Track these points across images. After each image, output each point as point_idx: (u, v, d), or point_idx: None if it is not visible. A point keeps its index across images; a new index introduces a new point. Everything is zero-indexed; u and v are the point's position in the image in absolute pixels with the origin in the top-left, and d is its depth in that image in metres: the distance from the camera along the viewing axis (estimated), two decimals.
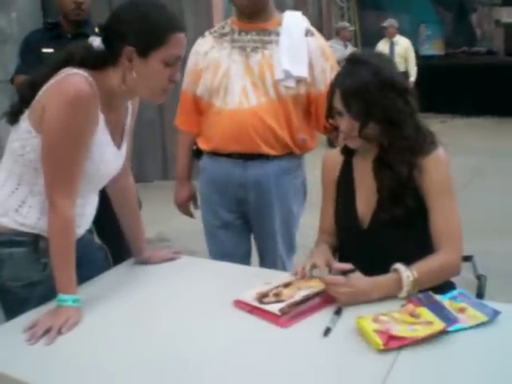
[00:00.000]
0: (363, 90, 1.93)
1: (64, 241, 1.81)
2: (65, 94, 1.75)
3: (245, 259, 2.82)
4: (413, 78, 10.03)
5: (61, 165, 1.79)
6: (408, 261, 1.87)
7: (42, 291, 1.87)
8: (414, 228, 2.00)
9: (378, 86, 1.93)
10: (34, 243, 1.91)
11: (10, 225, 1.89)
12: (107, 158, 1.93)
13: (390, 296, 1.83)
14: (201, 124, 2.77)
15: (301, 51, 2.61)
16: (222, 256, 2.73)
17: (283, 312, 1.76)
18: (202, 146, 2.78)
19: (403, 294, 1.82)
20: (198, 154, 2.85)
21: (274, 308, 1.77)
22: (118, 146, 2.00)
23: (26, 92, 1.86)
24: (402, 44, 10.21)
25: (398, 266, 1.85)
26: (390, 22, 10.28)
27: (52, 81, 1.80)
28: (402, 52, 10.11)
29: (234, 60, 2.65)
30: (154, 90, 1.88)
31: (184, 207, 3.04)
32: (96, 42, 1.85)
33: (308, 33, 2.68)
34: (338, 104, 1.99)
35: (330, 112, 2.05)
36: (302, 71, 2.61)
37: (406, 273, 1.82)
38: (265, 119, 2.59)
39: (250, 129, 2.59)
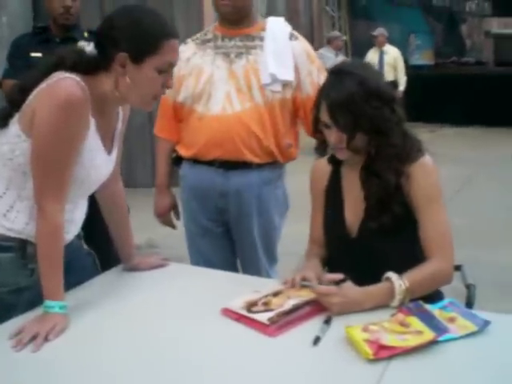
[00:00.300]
0: (349, 102, 1.92)
1: (52, 247, 1.79)
2: (56, 98, 1.73)
3: (227, 267, 2.74)
4: (402, 87, 10.10)
5: (50, 169, 1.77)
6: (398, 269, 1.86)
7: (30, 297, 1.85)
8: (403, 236, 1.99)
9: (363, 96, 1.92)
10: (22, 249, 1.88)
11: None
12: (97, 163, 1.92)
13: (382, 305, 1.82)
14: (181, 131, 2.74)
15: (286, 55, 2.61)
16: (203, 263, 2.71)
17: (272, 321, 1.74)
18: (182, 152, 2.76)
19: (395, 302, 1.81)
20: (177, 161, 2.82)
21: (263, 317, 1.76)
22: (109, 151, 1.99)
23: (15, 96, 1.84)
24: (391, 53, 10.28)
25: (390, 274, 1.84)
26: (379, 31, 10.34)
27: (43, 85, 1.78)
28: (391, 61, 10.20)
29: (218, 66, 2.63)
30: (145, 97, 1.87)
31: (164, 217, 2.98)
32: (89, 47, 1.84)
33: (292, 37, 2.69)
34: (325, 117, 1.98)
35: (317, 125, 2.04)
36: (289, 75, 2.60)
37: (398, 282, 1.81)
38: (249, 125, 2.57)
39: (233, 135, 2.57)
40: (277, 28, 2.69)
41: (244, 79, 2.59)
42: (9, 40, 4.15)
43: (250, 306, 1.82)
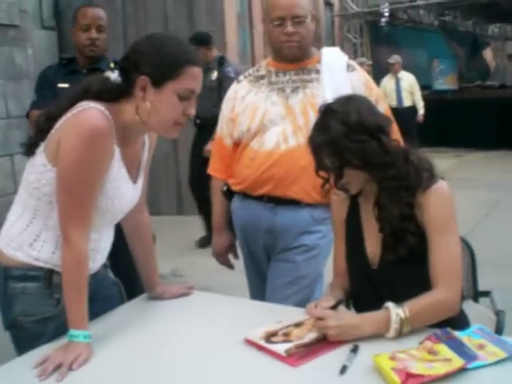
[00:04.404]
0: (329, 142, 1.90)
1: (77, 275, 1.80)
2: (80, 129, 1.75)
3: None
4: (421, 111, 10.17)
5: (75, 199, 1.78)
6: None
7: (55, 327, 1.86)
8: (422, 265, 1.93)
9: (344, 132, 1.88)
10: (48, 278, 1.89)
11: (24, 259, 1.87)
12: (122, 192, 1.93)
13: (381, 332, 1.79)
14: (234, 165, 2.70)
15: (344, 87, 2.49)
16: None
17: (289, 353, 1.71)
18: (233, 186, 2.72)
19: (392, 332, 1.78)
20: (229, 194, 2.77)
21: (281, 348, 1.73)
22: (134, 180, 2.00)
23: (42, 124, 1.87)
24: (407, 79, 10.44)
25: (388, 304, 1.81)
26: (395, 59, 10.54)
27: (69, 114, 1.80)
28: (407, 87, 10.36)
29: (273, 102, 2.58)
30: (165, 122, 1.87)
31: (222, 257, 2.92)
32: (113, 75, 1.87)
33: (349, 67, 2.63)
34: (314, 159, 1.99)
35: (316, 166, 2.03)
36: None
37: (395, 310, 1.78)
38: (301, 161, 2.44)
39: (284, 171, 2.51)
40: (333, 59, 2.64)
41: (302, 114, 2.53)
42: (35, 72, 4.23)
43: (270, 337, 1.80)
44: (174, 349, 1.84)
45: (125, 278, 2.32)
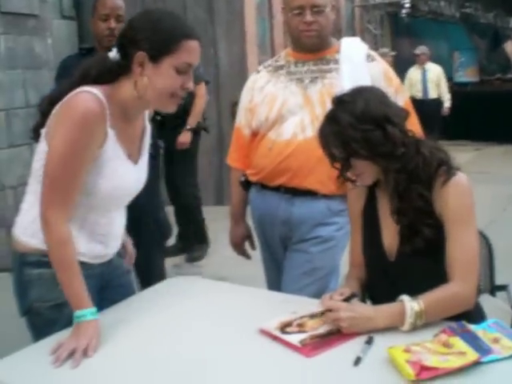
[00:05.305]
0: (337, 132, 1.91)
1: (65, 256, 1.81)
2: (72, 112, 1.78)
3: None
4: (447, 103, 10.04)
5: (57, 181, 1.79)
6: None
7: (70, 313, 1.87)
8: (439, 258, 1.92)
9: (350, 122, 1.88)
10: None
11: (39, 245, 1.88)
12: (121, 173, 1.93)
13: (395, 325, 1.78)
14: (252, 156, 2.70)
15: (363, 78, 2.48)
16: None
17: (304, 343, 1.72)
18: (251, 177, 2.73)
19: (406, 325, 1.77)
20: (246, 185, 2.78)
21: (295, 339, 1.74)
22: (135, 160, 2.00)
23: (44, 108, 1.89)
24: (434, 71, 10.30)
25: (403, 296, 1.81)
26: (421, 50, 10.37)
27: (65, 99, 1.82)
28: (434, 78, 10.21)
29: (292, 92, 2.58)
30: (163, 97, 1.88)
31: (239, 247, 2.94)
32: (112, 53, 1.88)
33: (369, 58, 2.62)
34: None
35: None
36: None
37: (410, 304, 1.78)
38: (318, 152, 2.39)
39: (301, 161, 2.51)
40: (352, 49, 2.63)
41: (320, 104, 2.51)
42: (54, 62, 4.24)
43: (284, 327, 1.81)
44: (189, 338, 1.85)
45: (139, 268, 2.34)
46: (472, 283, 1.88)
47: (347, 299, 1.88)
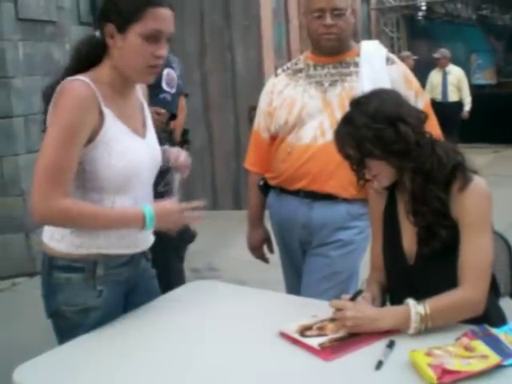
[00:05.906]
0: (351, 133, 1.91)
1: (78, 216, 1.83)
2: (63, 98, 1.81)
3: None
4: (467, 107, 9.95)
5: (49, 162, 1.80)
6: None
7: (96, 318, 1.89)
8: (458, 264, 1.90)
9: (364, 122, 1.88)
10: (92, 270, 1.92)
11: (68, 250, 1.91)
12: (133, 148, 1.93)
13: (399, 328, 1.78)
14: (271, 159, 2.70)
15: (383, 81, 2.48)
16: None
17: (323, 347, 1.72)
18: (270, 181, 2.72)
19: (411, 330, 1.77)
20: (265, 189, 2.78)
21: (314, 342, 1.74)
22: (142, 135, 2.01)
23: (47, 97, 1.92)
24: (455, 73, 10.17)
25: (409, 300, 1.80)
26: (442, 53, 10.23)
27: (57, 88, 1.85)
28: (454, 81, 10.10)
29: (311, 95, 2.57)
30: (137, 67, 1.89)
31: (258, 251, 2.93)
32: (98, 31, 1.90)
33: (388, 61, 2.61)
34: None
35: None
36: None
37: (415, 308, 1.77)
38: (338, 156, 2.35)
39: (321, 165, 2.51)
40: (372, 52, 2.62)
41: (339, 108, 2.47)
42: None
43: (304, 330, 1.81)
44: (209, 341, 1.86)
45: (161, 271, 2.35)
46: (482, 289, 1.86)
47: (353, 298, 1.87)
